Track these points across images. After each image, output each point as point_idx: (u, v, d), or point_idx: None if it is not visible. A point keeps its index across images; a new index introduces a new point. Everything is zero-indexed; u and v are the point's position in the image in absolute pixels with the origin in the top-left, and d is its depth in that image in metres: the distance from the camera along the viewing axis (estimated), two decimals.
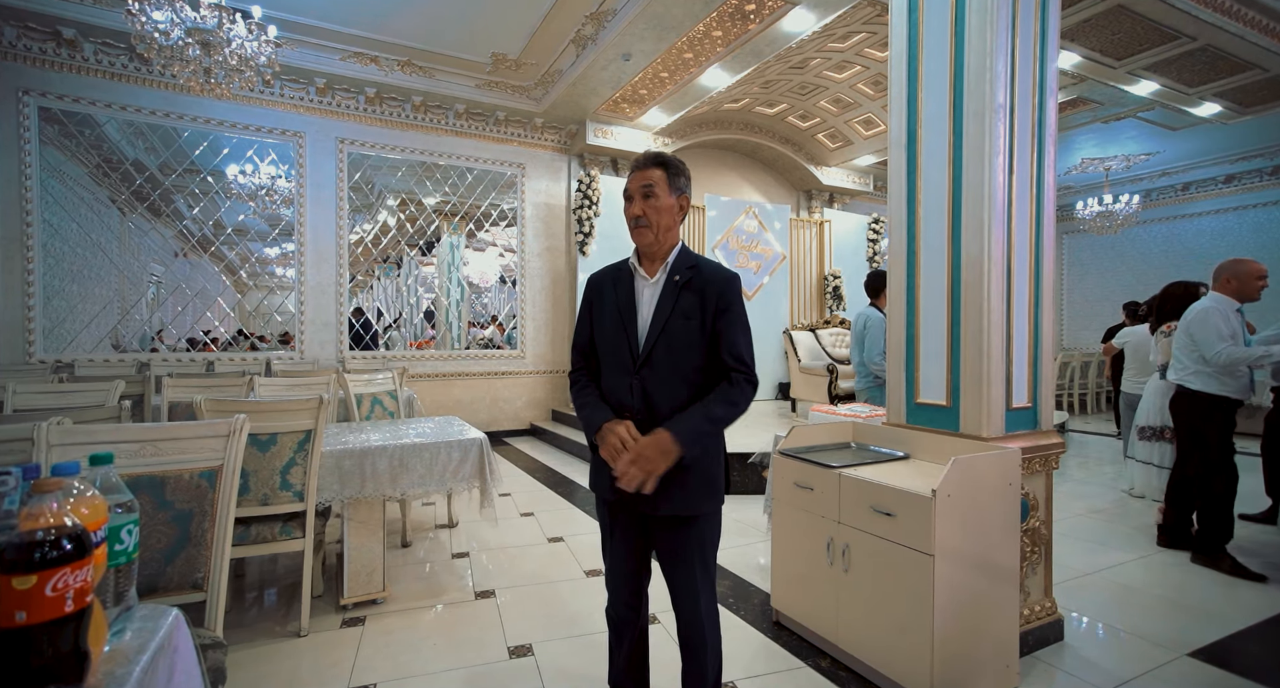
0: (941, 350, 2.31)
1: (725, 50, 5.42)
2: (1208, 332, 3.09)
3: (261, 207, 6.07)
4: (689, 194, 1.58)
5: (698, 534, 1.51)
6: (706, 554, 1.54)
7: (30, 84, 5.14)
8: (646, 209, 1.51)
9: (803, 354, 6.53)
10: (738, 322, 1.51)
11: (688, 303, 1.50)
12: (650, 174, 1.52)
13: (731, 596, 2.76)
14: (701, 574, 1.52)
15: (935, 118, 2.34)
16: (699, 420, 1.41)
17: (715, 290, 1.50)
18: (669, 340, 1.49)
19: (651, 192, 1.51)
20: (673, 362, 1.49)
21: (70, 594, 0.76)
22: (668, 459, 1.38)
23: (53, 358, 5.11)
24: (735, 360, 1.48)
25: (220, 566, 1.65)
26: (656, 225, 1.52)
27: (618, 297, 1.57)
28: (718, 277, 1.52)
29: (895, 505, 1.92)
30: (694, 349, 1.49)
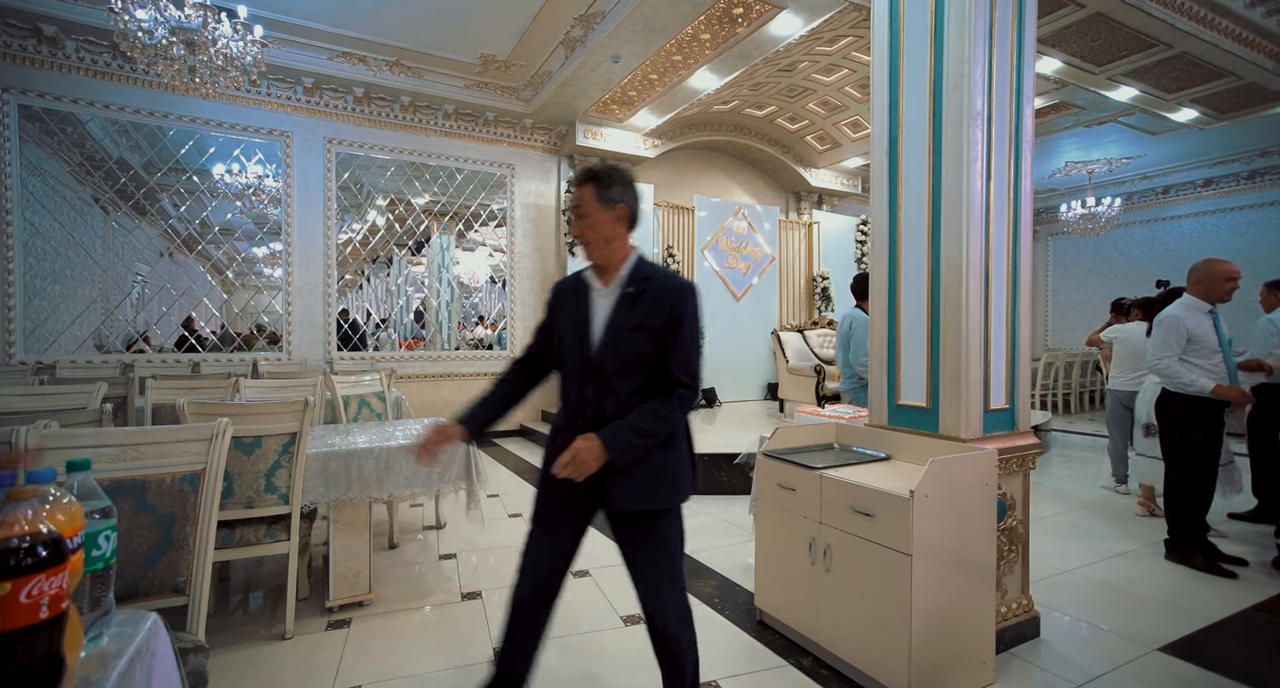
0: (922, 353, 2.35)
1: (714, 53, 5.45)
2: (1156, 339, 3.21)
3: (248, 206, 6.03)
4: (628, 201, 1.57)
5: (656, 531, 1.55)
6: (670, 551, 1.57)
7: (10, 81, 5.07)
8: (582, 228, 1.56)
9: (791, 355, 6.57)
10: (689, 334, 1.52)
11: (639, 315, 1.52)
12: (580, 193, 1.55)
13: (717, 595, 2.79)
14: (666, 572, 1.56)
15: (916, 123, 2.37)
16: (627, 433, 1.47)
17: (667, 302, 1.52)
18: (618, 352, 1.52)
19: (582, 210, 1.55)
20: (621, 372, 1.52)
21: (45, 601, 0.77)
22: (597, 461, 1.44)
23: (34, 359, 5.05)
24: (683, 372, 1.51)
25: (202, 569, 1.65)
26: (595, 240, 1.55)
27: (575, 306, 1.61)
28: (670, 289, 1.54)
29: (875, 506, 1.95)
30: (643, 360, 1.52)
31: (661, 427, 1.50)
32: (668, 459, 1.56)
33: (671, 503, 1.57)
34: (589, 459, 1.43)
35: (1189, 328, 3.14)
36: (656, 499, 1.54)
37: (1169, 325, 3.17)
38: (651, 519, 1.55)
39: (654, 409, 1.50)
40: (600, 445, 1.44)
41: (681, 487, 1.59)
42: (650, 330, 1.51)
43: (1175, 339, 3.14)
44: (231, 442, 2.05)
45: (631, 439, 1.47)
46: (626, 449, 1.46)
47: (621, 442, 1.45)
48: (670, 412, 1.50)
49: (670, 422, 1.51)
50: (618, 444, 1.45)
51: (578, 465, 1.43)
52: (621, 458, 1.46)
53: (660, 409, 1.50)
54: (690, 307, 1.53)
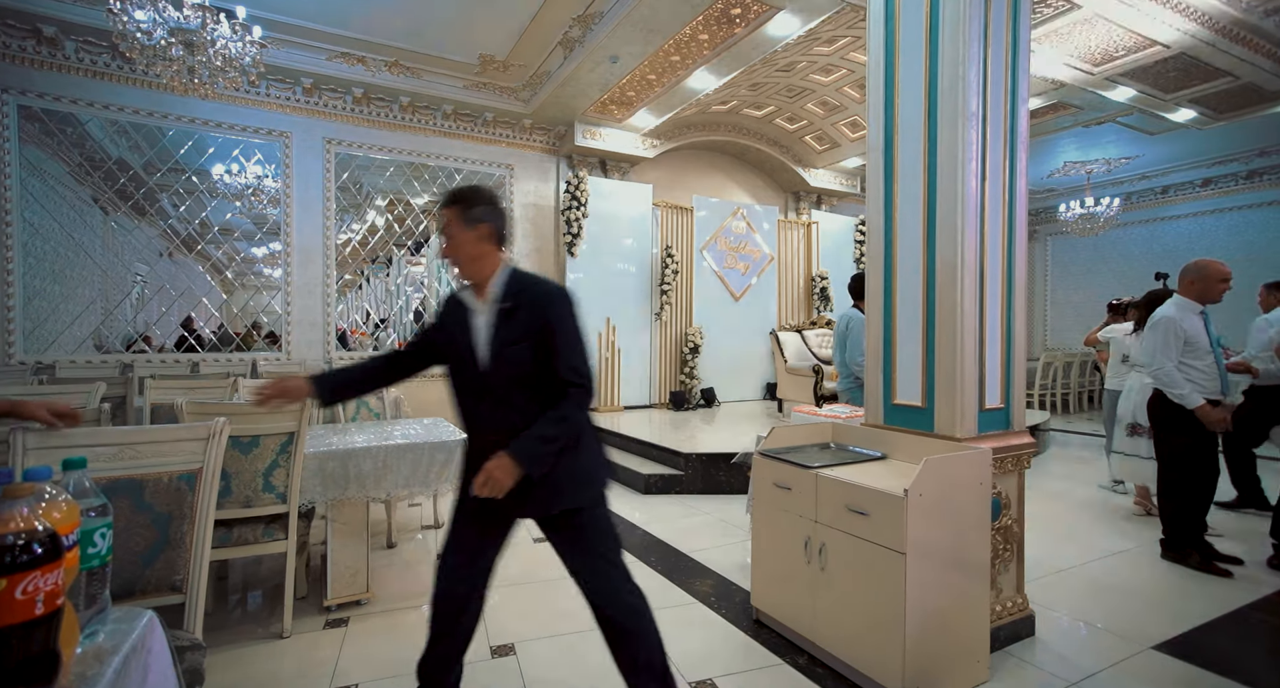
0: (917, 353, 2.36)
1: (712, 53, 5.46)
2: (1154, 342, 3.20)
3: (248, 206, 6.04)
4: (492, 220, 1.62)
5: (584, 527, 1.63)
6: (603, 541, 1.64)
7: (9, 82, 5.08)
8: (449, 249, 1.62)
9: (789, 355, 6.58)
10: (567, 336, 1.58)
11: (517, 327, 1.58)
12: (445, 214, 1.62)
13: (714, 594, 2.80)
14: (605, 562, 1.63)
15: (911, 124, 2.38)
16: (533, 443, 1.52)
17: (540, 310, 1.58)
18: (505, 366, 1.58)
19: (448, 232, 1.61)
20: (514, 385, 1.59)
21: (41, 598, 0.78)
22: (511, 477, 1.49)
23: (33, 359, 5.05)
24: (570, 373, 1.57)
25: (200, 568, 1.67)
26: (463, 260, 1.62)
27: (457, 326, 1.66)
28: (542, 296, 1.61)
29: (869, 505, 1.96)
30: (531, 370, 1.58)
31: (563, 430, 1.55)
32: (578, 458, 1.62)
33: (588, 499, 1.64)
34: (502, 477, 1.49)
35: (1184, 328, 3.14)
36: (573, 498, 1.61)
37: (1165, 328, 3.17)
38: (576, 517, 1.62)
39: (552, 415, 1.55)
40: (511, 462, 1.49)
41: (596, 481, 1.66)
42: (530, 341, 1.57)
43: (1174, 342, 3.14)
44: (229, 441, 2.06)
45: (538, 449, 1.52)
46: (536, 459, 1.52)
47: (529, 453, 1.51)
48: (568, 413, 1.56)
49: (571, 423, 1.57)
50: (527, 456, 1.51)
51: (493, 485, 1.49)
52: (534, 469, 1.52)
53: (557, 414, 1.55)
54: (562, 310, 1.59)
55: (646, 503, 4.39)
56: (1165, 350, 3.14)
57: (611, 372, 7.32)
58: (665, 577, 3.01)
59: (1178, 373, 3.11)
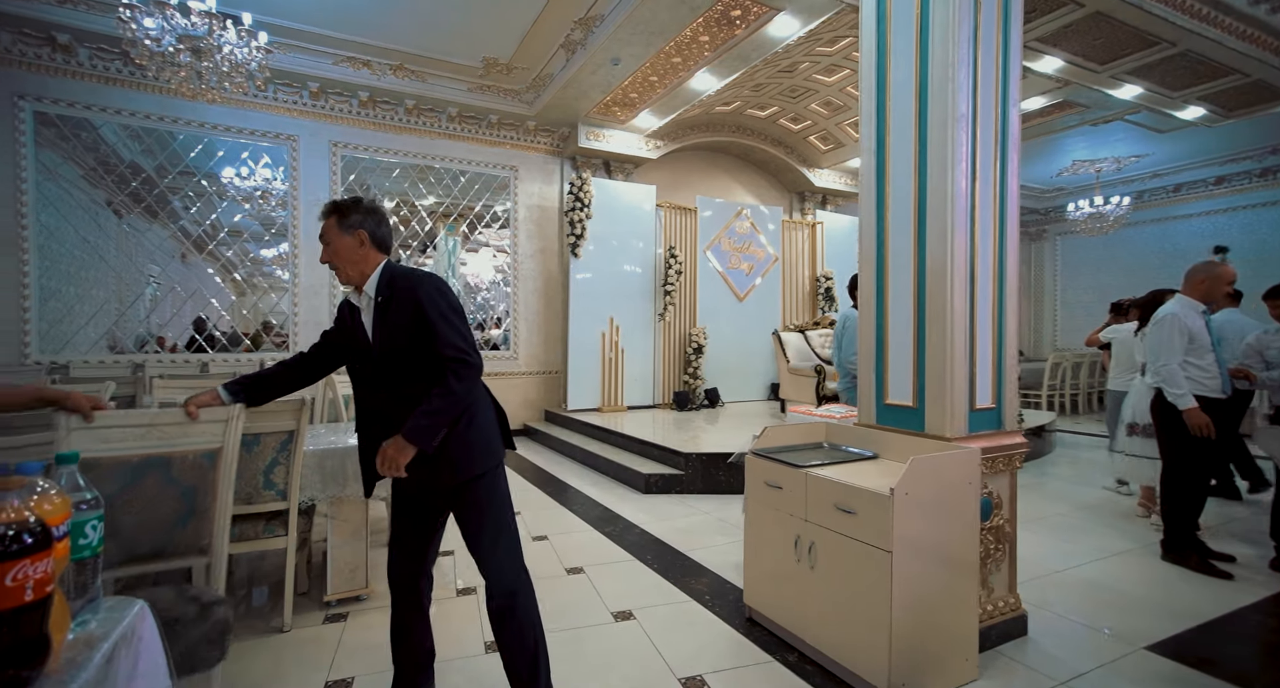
0: (908, 353, 2.37)
1: (713, 55, 5.47)
2: (1159, 340, 3.18)
3: (256, 209, 6.13)
4: (368, 226, 1.75)
5: (478, 497, 1.74)
6: (497, 510, 1.76)
7: (26, 89, 5.21)
8: (328, 255, 1.76)
9: (791, 355, 6.58)
10: (440, 315, 1.66)
11: (393, 317, 1.69)
12: (324, 225, 1.76)
13: (708, 592, 2.82)
14: (497, 530, 1.75)
15: (902, 125, 2.39)
16: (419, 419, 1.61)
17: (409, 297, 1.68)
18: (390, 354, 1.69)
19: (326, 239, 1.75)
20: (401, 370, 1.69)
21: (30, 585, 0.82)
22: (405, 454, 1.61)
23: (48, 359, 5.17)
24: (449, 349, 1.65)
25: (222, 534, 1.90)
26: (342, 264, 1.74)
27: (350, 326, 1.80)
28: (408, 284, 1.70)
29: (857, 504, 1.98)
30: (414, 354, 1.68)
31: (447, 403, 1.63)
32: (470, 432, 1.72)
33: (483, 468, 1.74)
34: (396, 455, 1.61)
35: (1188, 326, 3.13)
36: (468, 468, 1.71)
37: (1170, 324, 3.15)
38: (470, 488, 1.73)
39: (436, 391, 1.63)
40: (403, 440, 1.60)
41: (489, 451, 1.77)
42: (406, 327, 1.67)
43: (1179, 339, 3.12)
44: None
45: (424, 423, 1.60)
46: (423, 433, 1.60)
47: (417, 428, 1.60)
48: (450, 387, 1.63)
49: (455, 396, 1.64)
50: (415, 432, 1.60)
51: (389, 462, 1.61)
52: (424, 442, 1.61)
53: (440, 389, 1.63)
54: (427, 292, 1.67)
55: (646, 502, 4.41)
56: (1169, 348, 3.13)
57: (615, 372, 7.35)
58: (661, 575, 3.03)
59: (1180, 372, 3.09)
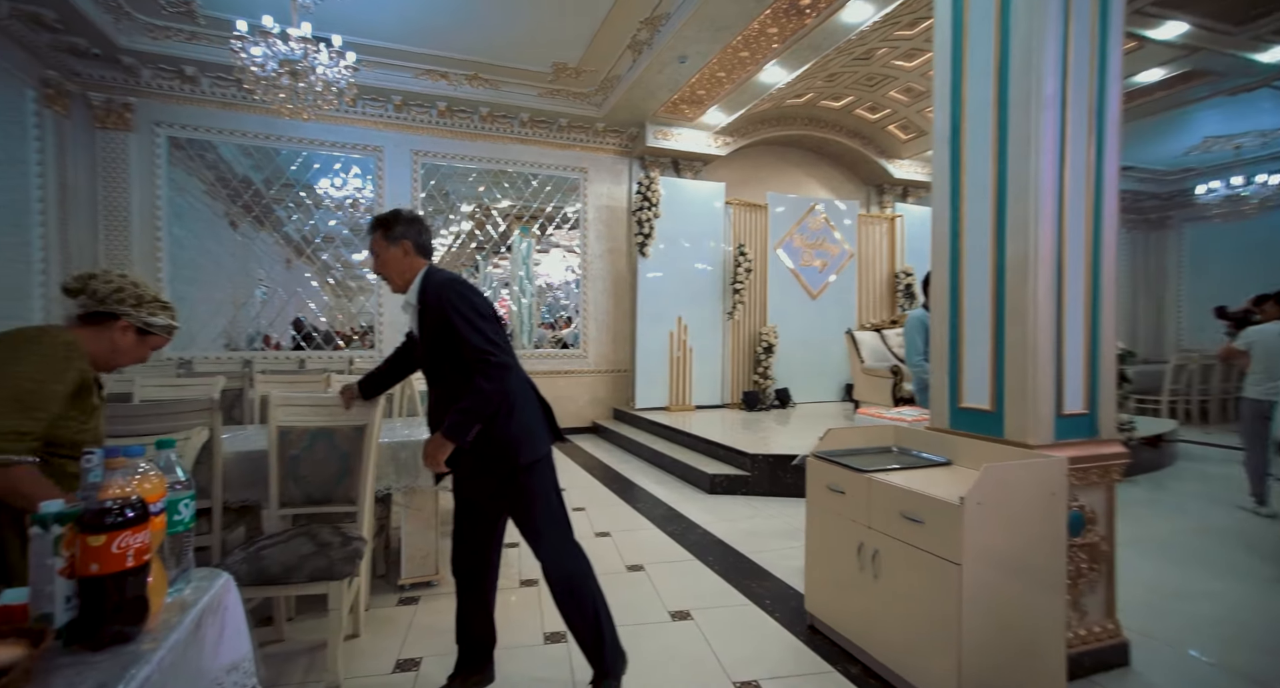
0: (985, 353, 2.21)
1: (782, 46, 5.34)
2: None
3: (347, 216, 6.63)
4: (410, 235, 1.86)
5: (522, 488, 1.82)
6: (544, 501, 1.84)
7: (161, 117, 5.89)
8: (377, 266, 1.89)
9: (866, 355, 6.30)
10: (462, 319, 1.74)
11: (428, 320, 1.81)
12: (371, 240, 1.88)
13: (769, 596, 2.76)
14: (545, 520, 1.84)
15: (980, 110, 2.23)
16: (453, 416, 1.71)
17: (435, 303, 1.77)
18: (432, 355, 1.84)
19: (375, 251, 1.87)
20: (441, 370, 1.83)
21: (131, 553, 0.93)
22: (442, 450, 1.73)
23: (178, 355, 5.84)
24: (474, 351, 1.73)
25: (367, 489, 2.36)
26: (391, 275, 1.87)
27: (411, 329, 1.96)
28: (433, 290, 1.80)
29: (924, 512, 1.87)
30: (448, 355, 1.78)
31: (476, 401, 1.71)
32: (511, 424, 1.80)
33: (526, 459, 1.81)
34: (434, 450, 1.74)
35: None
36: (509, 461, 1.79)
37: None
38: (515, 478, 1.81)
39: (470, 389, 1.72)
40: (439, 436, 1.72)
41: (533, 444, 1.83)
42: (439, 330, 1.78)
43: None
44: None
45: (455, 420, 1.71)
46: (455, 429, 1.71)
47: (450, 425, 1.71)
48: (478, 386, 1.71)
49: (482, 394, 1.71)
50: (448, 428, 1.71)
51: (428, 457, 1.75)
52: (457, 438, 1.71)
53: (471, 387, 1.71)
54: (449, 297, 1.76)
55: (710, 502, 4.38)
56: None
57: (683, 371, 7.34)
58: (722, 576, 3.00)
59: None
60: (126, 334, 1.58)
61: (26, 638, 0.87)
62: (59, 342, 1.43)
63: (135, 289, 1.56)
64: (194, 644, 1.05)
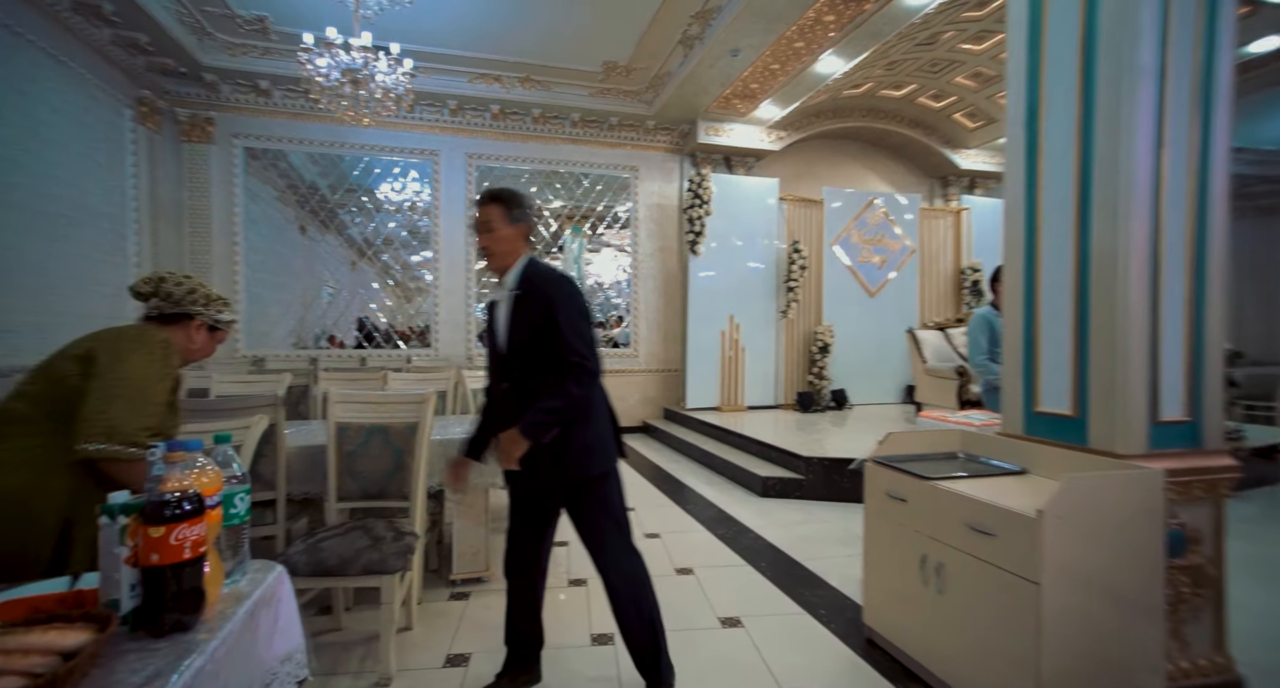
0: (1066, 354, 2.03)
1: (839, 35, 5.14)
2: None
3: (406, 219, 6.87)
4: (528, 221, 1.84)
5: (594, 496, 1.81)
6: (611, 512, 1.83)
7: (239, 129, 6.27)
8: (488, 240, 1.80)
9: (929, 355, 6.00)
10: (567, 319, 1.73)
11: (526, 311, 1.76)
12: (488, 210, 1.79)
13: (823, 606, 2.64)
14: (612, 530, 1.82)
15: (1062, 88, 2.05)
16: (535, 414, 1.68)
17: (543, 295, 1.74)
18: (520, 347, 1.78)
19: (489, 226, 1.78)
20: (528, 365, 1.77)
21: (188, 544, 0.95)
22: (519, 448, 1.68)
23: (252, 353, 6.20)
24: (571, 353, 1.71)
25: (419, 485, 2.40)
26: (498, 253, 1.80)
27: (492, 315, 1.88)
28: (544, 282, 1.77)
29: (995, 525, 1.73)
30: (538, 350, 1.74)
31: (564, 402, 1.69)
32: (587, 432, 1.78)
33: (601, 470, 1.80)
34: (509, 447, 1.69)
35: None
36: (584, 469, 1.78)
37: None
38: (588, 488, 1.79)
39: (555, 390, 1.70)
40: (517, 433, 1.67)
41: (604, 455, 1.82)
42: (537, 323, 1.74)
43: None
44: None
45: (539, 419, 1.68)
46: (536, 429, 1.68)
47: (532, 423, 1.67)
48: (569, 389, 1.70)
49: (571, 398, 1.70)
50: (530, 427, 1.67)
51: (504, 456, 1.70)
52: (537, 437, 1.68)
53: (560, 388, 1.70)
54: (561, 294, 1.74)
55: (763, 506, 4.26)
56: None
57: (735, 371, 7.21)
58: (774, 583, 2.90)
59: None
60: (200, 332, 1.70)
61: (95, 623, 0.91)
62: (158, 340, 1.56)
63: (203, 289, 1.68)
64: (248, 635, 1.08)
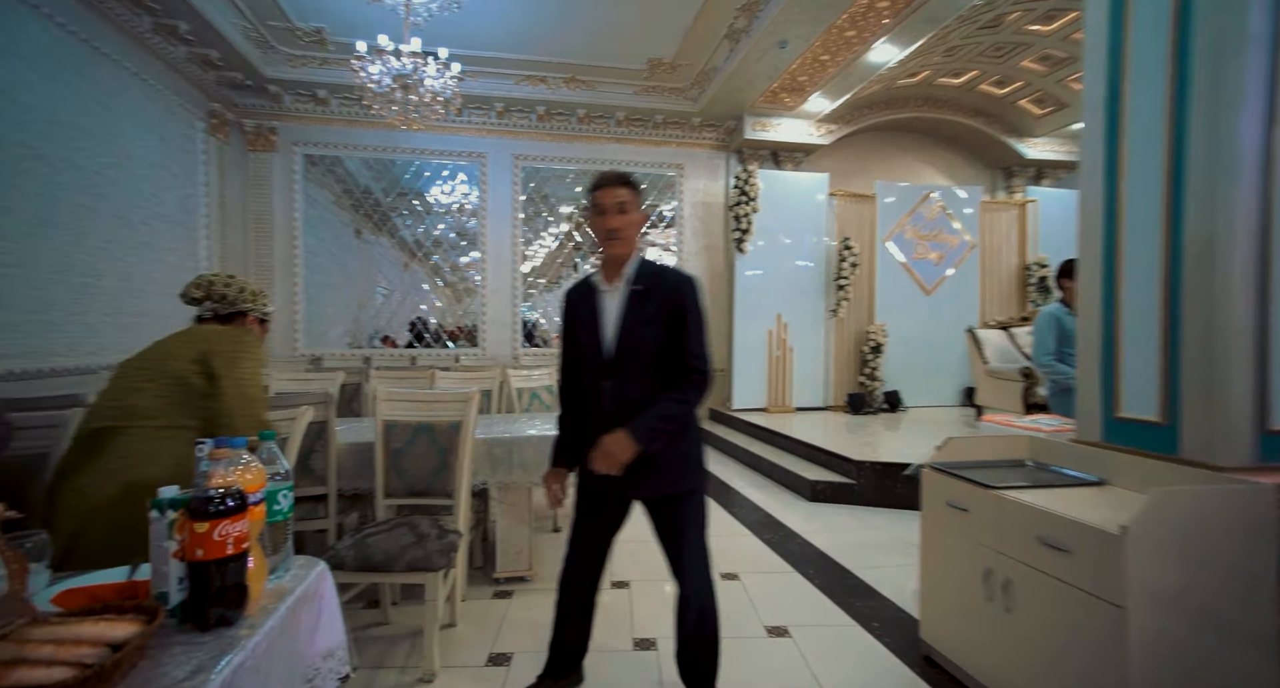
0: (1153, 354, 1.85)
1: (893, 21, 4.93)
2: None
3: (454, 222, 7.03)
4: (645, 212, 1.79)
5: (686, 513, 1.72)
6: (700, 530, 1.74)
7: (299, 137, 6.56)
8: (623, 222, 1.67)
9: (990, 355, 5.68)
10: (696, 322, 1.67)
11: (648, 309, 1.66)
12: (620, 192, 1.68)
13: (877, 619, 2.51)
14: (697, 550, 1.73)
15: (1150, 64, 1.87)
16: (651, 419, 1.60)
17: (673, 296, 1.66)
18: (634, 346, 1.66)
19: (623, 208, 1.67)
20: (639, 364, 1.66)
21: (230, 541, 0.96)
22: (627, 452, 1.58)
23: (310, 352, 6.47)
24: (696, 359, 1.65)
25: (463, 483, 2.41)
26: (628, 238, 1.70)
27: (588, 308, 1.75)
28: (674, 282, 1.69)
29: (1070, 540, 1.58)
30: (656, 351, 1.66)
31: (682, 411, 1.63)
32: (689, 444, 1.71)
33: (697, 484, 1.73)
34: (618, 453, 1.57)
35: None
36: (683, 482, 1.70)
37: None
38: (682, 502, 1.70)
39: (674, 396, 1.63)
40: (628, 437, 1.57)
41: (702, 468, 1.76)
42: (659, 323, 1.65)
43: None
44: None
45: (656, 426, 1.60)
46: (653, 434, 1.60)
47: (648, 429, 1.59)
48: (688, 397, 1.64)
49: (688, 405, 1.64)
50: (646, 432, 1.59)
51: (609, 459, 1.58)
52: (649, 445, 1.59)
53: (680, 395, 1.63)
54: (692, 297, 1.68)
55: (811, 510, 4.12)
56: None
57: (782, 372, 7.04)
58: (824, 592, 2.79)
59: None
60: (254, 326, 1.81)
61: (144, 615, 0.92)
62: (251, 339, 1.71)
63: (249, 287, 1.78)
64: (289, 631, 1.08)
